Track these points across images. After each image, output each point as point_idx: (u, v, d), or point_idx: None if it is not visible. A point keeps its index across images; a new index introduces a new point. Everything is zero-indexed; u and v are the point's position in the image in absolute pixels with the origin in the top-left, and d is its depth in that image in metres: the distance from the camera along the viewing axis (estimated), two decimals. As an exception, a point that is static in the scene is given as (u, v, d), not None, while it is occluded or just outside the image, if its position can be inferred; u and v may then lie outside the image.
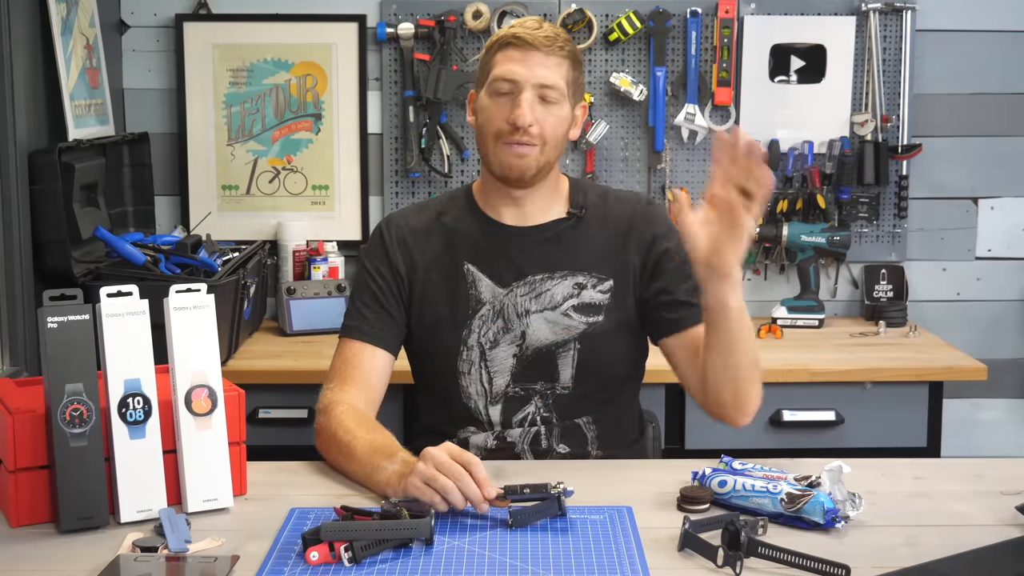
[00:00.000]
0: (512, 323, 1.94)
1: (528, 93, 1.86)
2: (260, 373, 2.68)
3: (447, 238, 1.98)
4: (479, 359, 1.94)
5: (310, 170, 3.22)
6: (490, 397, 1.96)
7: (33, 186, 2.47)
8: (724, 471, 1.65)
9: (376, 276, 1.97)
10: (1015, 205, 3.28)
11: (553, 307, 1.94)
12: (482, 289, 1.95)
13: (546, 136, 1.88)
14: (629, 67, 3.17)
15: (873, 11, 3.14)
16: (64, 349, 1.51)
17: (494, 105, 1.89)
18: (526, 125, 1.85)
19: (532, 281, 1.95)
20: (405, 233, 1.99)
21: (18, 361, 2.45)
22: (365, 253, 2.03)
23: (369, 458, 1.70)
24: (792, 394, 2.72)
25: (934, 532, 1.54)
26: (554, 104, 1.88)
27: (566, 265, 1.95)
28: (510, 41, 1.89)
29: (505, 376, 1.95)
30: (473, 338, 1.94)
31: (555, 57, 1.88)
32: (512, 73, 1.87)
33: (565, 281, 1.95)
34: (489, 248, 1.96)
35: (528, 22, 1.91)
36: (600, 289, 1.95)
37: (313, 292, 3.03)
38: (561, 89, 1.89)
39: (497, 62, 1.90)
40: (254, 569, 1.41)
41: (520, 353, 1.94)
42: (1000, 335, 3.31)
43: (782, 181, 3.20)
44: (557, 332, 1.94)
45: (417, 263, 1.97)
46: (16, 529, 1.55)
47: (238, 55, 3.17)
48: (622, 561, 1.43)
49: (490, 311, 1.94)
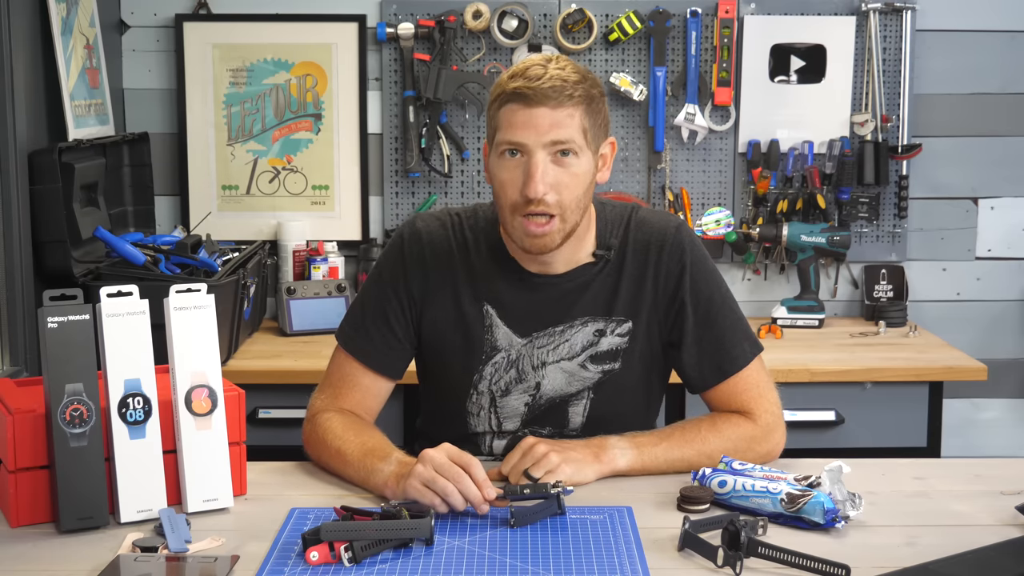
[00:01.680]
0: (526, 374, 1.83)
1: (539, 156, 1.67)
2: (260, 373, 2.68)
3: (469, 270, 1.83)
4: (489, 404, 1.86)
5: (310, 170, 3.22)
6: (497, 435, 1.89)
7: (33, 186, 2.47)
8: (724, 471, 1.64)
9: (390, 291, 1.84)
10: (1015, 205, 3.28)
11: (571, 357, 1.82)
12: (499, 336, 1.82)
13: (565, 203, 1.69)
14: (629, 67, 3.17)
15: (873, 11, 3.14)
16: (64, 349, 1.51)
17: (505, 171, 1.70)
18: (540, 197, 1.67)
19: (552, 332, 1.82)
20: (427, 253, 1.83)
21: (18, 361, 2.45)
22: (382, 261, 1.88)
23: (362, 461, 1.68)
24: (792, 394, 2.70)
25: (934, 532, 1.54)
26: (572, 158, 1.69)
27: (588, 311, 1.82)
28: (512, 97, 1.67)
29: (515, 421, 1.86)
30: (484, 384, 1.84)
31: (566, 108, 1.67)
32: (519, 136, 1.67)
33: (585, 328, 1.82)
34: (512, 296, 1.82)
35: (531, 69, 1.68)
36: (619, 332, 1.82)
37: (313, 292, 3.03)
38: (577, 142, 1.69)
39: (502, 121, 1.70)
40: (254, 569, 1.41)
41: (532, 402, 1.85)
42: (1000, 335, 3.31)
43: (782, 181, 3.20)
44: (572, 383, 1.84)
45: (433, 287, 1.83)
46: (16, 529, 1.55)
47: (238, 55, 3.17)
48: (622, 561, 1.43)
49: (504, 359, 1.83)
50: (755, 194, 3.19)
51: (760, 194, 3.18)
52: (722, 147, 3.21)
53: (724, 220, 3.17)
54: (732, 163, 3.21)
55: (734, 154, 3.21)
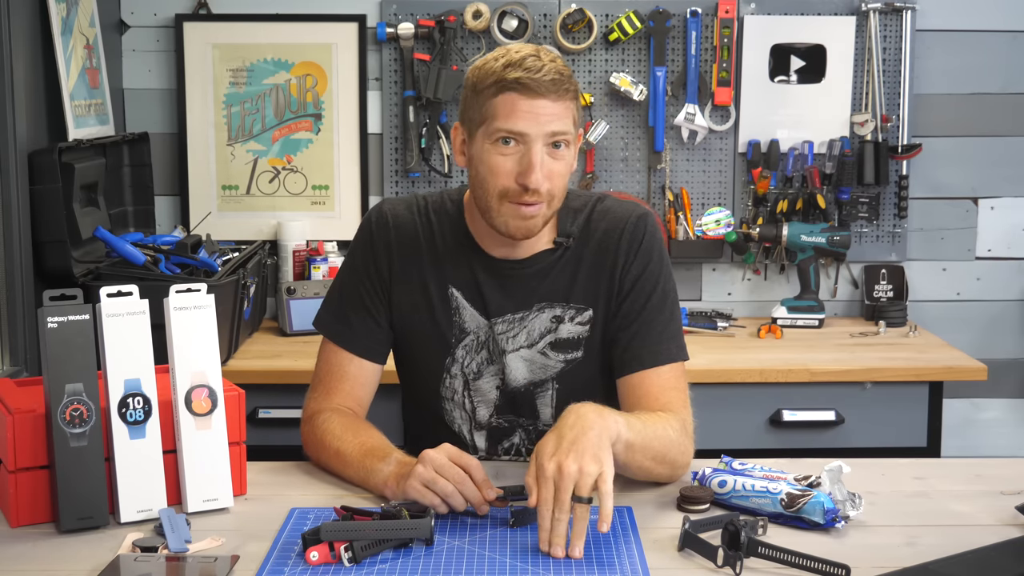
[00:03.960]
0: (495, 356, 1.85)
1: (539, 147, 1.69)
2: (260, 373, 2.68)
3: (434, 254, 1.86)
4: (463, 388, 1.87)
5: (310, 170, 3.22)
6: (474, 423, 1.90)
7: (33, 186, 2.47)
8: (724, 471, 1.64)
9: (363, 275, 1.87)
10: (1015, 205, 3.28)
11: (530, 344, 1.84)
12: (466, 318, 1.85)
13: (555, 191, 1.74)
14: (629, 67, 3.17)
15: (873, 11, 3.14)
16: (64, 349, 1.51)
17: (498, 158, 1.71)
18: (541, 188, 1.70)
19: (511, 320, 1.84)
20: (392, 237, 1.86)
21: (18, 361, 2.45)
22: (355, 242, 1.92)
23: (362, 462, 1.68)
24: (792, 394, 2.73)
25: (934, 532, 1.54)
26: (564, 149, 1.73)
27: (546, 297, 1.84)
28: (513, 86, 1.68)
29: (489, 407, 1.88)
30: (456, 367, 1.86)
31: (564, 100, 1.70)
32: (520, 126, 1.68)
33: (543, 315, 1.83)
34: (474, 279, 1.84)
35: (528, 60, 1.69)
36: (579, 321, 1.83)
37: (313, 292, 3.03)
38: (571, 133, 1.73)
39: (500, 109, 1.70)
40: (254, 569, 1.41)
41: (503, 386, 1.87)
42: (1000, 335, 3.31)
43: (782, 181, 3.20)
44: (535, 371, 1.85)
45: (400, 270, 1.86)
46: (16, 529, 1.55)
47: (238, 55, 3.17)
48: (622, 561, 1.43)
49: (474, 341, 1.85)
50: (755, 194, 3.19)
51: (760, 194, 3.18)
52: (722, 147, 3.21)
53: (724, 220, 3.17)
54: (732, 163, 3.21)
55: (734, 154, 3.21)
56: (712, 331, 3.03)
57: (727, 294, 3.28)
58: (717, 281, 3.28)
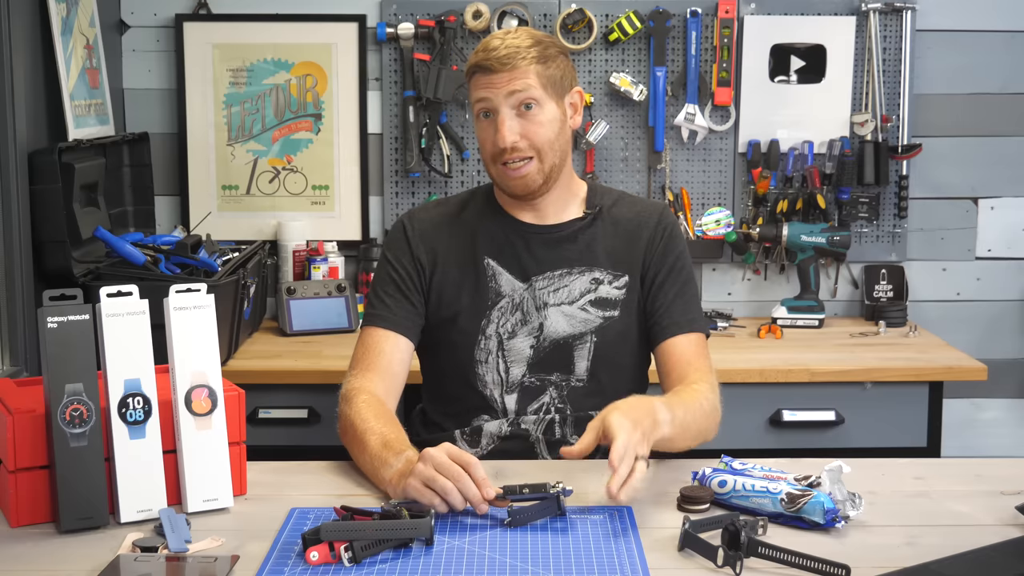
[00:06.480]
0: (530, 315, 2.00)
1: (504, 111, 1.92)
2: (260, 373, 2.68)
3: (468, 233, 2.04)
4: (496, 348, 1.99)
5: (310, 170, 3.22)
6: (506, 386, 2.00)
7: (33, 186, 2.47)
8: (724, 471, 1.65)
9: (397, 266, 2.02)
10: (1015, 205, 3.28)
11: (571, 301, 2.00)
12: (502, 283, 2.00)
13: (538, 145, 1.93)
14: (629, 67, 3.17)
15: (873, 11, 3.14)
16: (64, 349, 1.51)
17: (481, 130, 1.97)
18: (509, 145, 1.91)
19: (551, 276, 2.00)
20: (427, 226, 2.04)
21: (18, 361, 2.45)
22: (386, 245, 2.08)
23: (379, 452, 1.72)
24: (792, 394, 2.73)
25: (934, 532, 1.54)
26: (536, 109, 1.92)
27: (584, 261, 2.01)
28: (476, 69, 1.94)
29: (522, 366, 1.99)
30: (491, 328, 1.99)
31: (519, 68, 1.90)
32: (483, 95, 1.93)
33: (583, 276, 2.00)
34: (509, 244, 2.02)
35: (492, 41, 1.94)
36: (616, 285, 2.01)
37: (313, 292, 3.03)
38: (535, 94, 1.92)
39: (472, 88, 1.96)
40: (254, 569, 1.41)
41: (537, 344, 2.00)
42: (1000, 335, 3.31)
43: (782, 181, 3.20)
44: (574, 325, 2.00)
45: (438, 255, 2.02)
46: (16, 529, 1.55)
47: (238, 55, 3.17)
48: (622, 561, 1.43)
49: (509, 303, 2.00)
50: (755, 194, 3.19)
51: (760, 194, 3.18)
52: (722, 147, 3.21)
53: (724, 220, 3.17)
54: (732, 163, 3.22)
55: (734, 154, 3.21)
56: (712, 331, 3.02)
57: (727, 294, 3.28)
58: (717, 281, 3.28)
